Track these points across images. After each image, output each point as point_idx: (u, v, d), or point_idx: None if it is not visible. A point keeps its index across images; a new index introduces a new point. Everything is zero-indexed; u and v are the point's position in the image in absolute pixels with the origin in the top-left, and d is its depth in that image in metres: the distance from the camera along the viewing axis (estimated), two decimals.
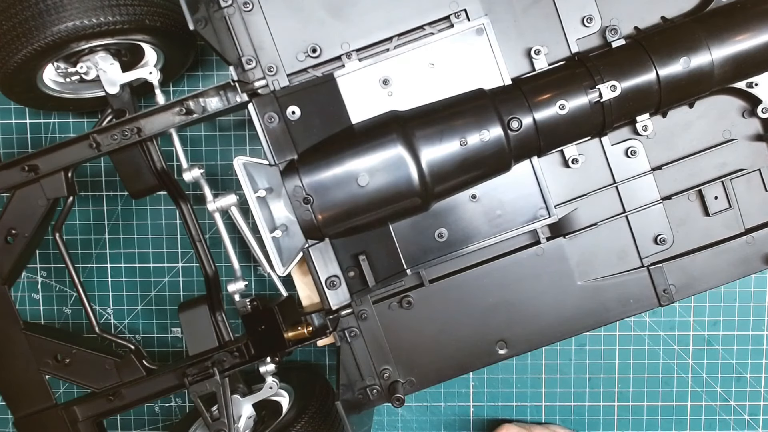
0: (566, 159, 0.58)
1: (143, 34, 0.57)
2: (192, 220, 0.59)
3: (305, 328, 0.58)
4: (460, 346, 0.59)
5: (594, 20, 0.56)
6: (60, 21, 0.52)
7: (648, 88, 0.54)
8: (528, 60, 0.57)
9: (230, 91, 0.54)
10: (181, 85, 0.72)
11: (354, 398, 0.58)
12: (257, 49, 0.55)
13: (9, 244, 0.57)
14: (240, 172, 0.54)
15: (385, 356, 0.58)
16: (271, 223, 0.55)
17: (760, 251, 0.59)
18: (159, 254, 0.73)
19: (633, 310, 0.59)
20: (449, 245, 0.58)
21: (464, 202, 0.57)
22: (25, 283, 0.74)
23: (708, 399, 0.74)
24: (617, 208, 0.59)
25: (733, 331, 0.73)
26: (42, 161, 0.56)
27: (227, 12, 0.54)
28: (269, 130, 0.55)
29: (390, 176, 0.53)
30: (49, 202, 0.57)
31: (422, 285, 0.58)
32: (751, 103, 0.58)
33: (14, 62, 0.54)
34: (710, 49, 0.53)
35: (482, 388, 0.75)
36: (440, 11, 0.55)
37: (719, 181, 0.59)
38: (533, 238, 0.59)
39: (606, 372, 0.74)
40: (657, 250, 0.59)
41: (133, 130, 0.55)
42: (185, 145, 0.71)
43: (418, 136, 0.53)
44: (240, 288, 0.58)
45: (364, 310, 0.58)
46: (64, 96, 0.64)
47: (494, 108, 0.53)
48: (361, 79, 0.55)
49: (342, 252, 0.56)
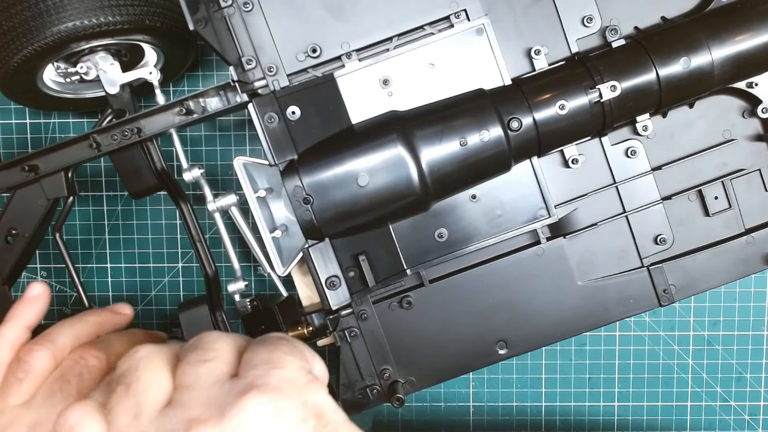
0: (566, 159, 0.58)
1: (143, 34, 0.57)
2: (192, 220, 0.59)
3: (305, 328, 0.58)
4: (460, 346, 0.59)
5: (594, 20, 0.56)
6: (60, 21, 0.52)
7: (648, 88, 0.54)
8: (528, 60, 0.57)
9: (230, 91, 0.54)
10: (181, 85, 0.72)
11: (354, 398, 0.58)
12: (257, 49, 0.55)
13: (9, 244, 0.57)
14: (240, 172, 0.54)
15: (385, 356, 0.58)
16: (271, 223, 0.55)
17: (760, 251, 0.59)
18: (159, 254, 0.73)
19: (633, 310, 0.59)
20: (449, 245, 0.58)
21: (464, 202, 0.57)
22: (25, 283, 0.74)
23: (708, 399, 0.74)
24: (617, 208, 0.59)
25: (733, 331, 0.73)
26: (42, 161, 0.56)
27: (227, 12, 0.54)
28: (269, 130, 0.55)
29: (390, 176, 0.53)
30: (49, 202, 0.57)
31: (422, 285, 0.58)
32: (751, 103, 0.58)
33: (14, 62, 0.54)
34: (710, 49, 0.53)
35: (482, 388, 0.75)
36: (440, 11, 0.55)
37: (719, 181, 0.59)
38: (533, 238, 0.59)
39: (606, 372, 0.74)
40: (657, 250, 0.59)
41: (133, 130, 0.55)
42: (185, 145, 0.71)
43: (418, 136, 0.53)
44: (240, 288, 0.58)
45: (364, 310, 0.58)
46: (64, 96, 0.64)
47: (494, 108, 0.53)
48: (361, 79, 0.55)
49: (342, 252, 0.56)
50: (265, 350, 0.37)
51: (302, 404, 0.34)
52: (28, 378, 0.45)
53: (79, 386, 0.44)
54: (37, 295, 0.51)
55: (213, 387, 0.34)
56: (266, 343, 0.38)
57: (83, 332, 0.49)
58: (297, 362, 0.37)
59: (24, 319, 0.49)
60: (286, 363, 0.36)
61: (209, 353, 0.37)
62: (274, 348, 0.37)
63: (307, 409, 0.34)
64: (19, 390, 0.44)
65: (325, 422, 0.35)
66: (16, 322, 0.49)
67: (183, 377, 0.35)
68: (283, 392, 0.34)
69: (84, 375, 0.45)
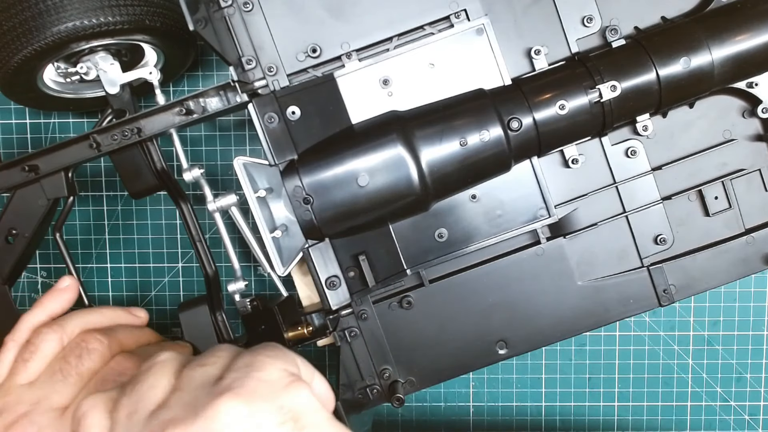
0: (566, 159, 0.58)
1: (143, 35, 0.57)
2: (192, 220, 0.59)
3: (305, 328, 0.58)
4: (460, 346, 0.59)
5: (594, 20, 0.56)
6: (60, 21, 0.52)
7: (648, 88, 0.54)
8: (528, 60, 0.57)
9: (230, 91, 0.54)
10: (181, 85, 0.72)
11: (354, 398, 0.58)
12: (257, 49, 0.55)
13: (9, 244, 0.57)
14: (240, 172, 0.54)
15: (385, 356, 0.58)
16: (271, 223, 0.55)
17: (760, 251, 0.59)
18: (159, 254, 0.73)
19: (633, 310, 0.59)
20: (449, 245, 0.58)
21: (464, 202, 0.57)
22: (25, 283, 0.74)
23: (708, 399, 0.74)
24: (617, 208, 0.59)
25: (733, 331, 0.73)
26: (42, 161, 0.56)
27: (227, 12, 0.54)
28: (269, 130, 0.55)
29: (390, 176, 0.53)
30: (49, 202, 0.57)
31: (422, 285, 0.58)
32: (752, 103, 0.58)
33: (14, 62, 0.54)
34: (710, 49, 0.53)
35: (482, 388, 0.75)
36: (440, 11, 0.55)
37: (719, 181, 0.59)
38: (533, 238, 0.59)
39: (606, 372, 0.74)
40: (657, 250, 0.59)
41: (133, 130, 0.55)
42: (185, 145, 0.71)
43: (418, 136, 0.53)
44: (240, 288, 0.58)
45: (364, 310, 0.58)
46: (64, 96, 0.64)
47: (494, 108, 0.53)
48: (361, 79, 0.55)
49: (342, 252, 0.56)
50: (249, 355, 0.37)
51: (278, 408, 0.34)
52: (34, 359, 0.47)
53: (78, 368, 0.46)
54: (65, 288, 0.53)
55: (197, 389, 0.35)
56: (253, 349, 0.38)
57: (94, 322, 0.51)
58: (278, 364, 0.37)
59: (48, 308, 0.51)
60: (266, 366, 0.36)
61: (209, 359, 0.37)
62: (258, 353, 0.37)
63: (284, 412, 0.34)
64: (25, 370, 0.46)
65: (302, 425, 0.34)
66: (41, 310, 0.51)
67: (179, 381, 0.36)
68: (258, 395, 0.34)
69: (83, 357, 0.47)
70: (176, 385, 0.36)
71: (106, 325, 0.51)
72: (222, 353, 0.38)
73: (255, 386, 0.34)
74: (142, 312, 0.56)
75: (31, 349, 0.47)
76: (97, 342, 0.48)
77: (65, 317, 0.50)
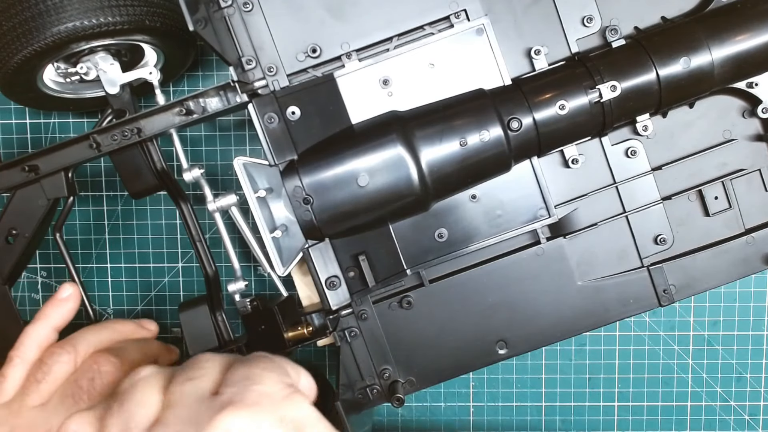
0: (566, 159, 0.58)
1: (143, 35, 0.57)
2: (192, 220, 0.59)
3: (305, 328, 0.58)
4: (460, 346, 0.59)
5: (594, 20, 0.56)
6: (60, 22, 0.52)
7: (648, 88, 0.54)
8: (528, 60, 0.57)
9: (230, 92, 0.54)
10: (181, 85, 0.72)
11: (354, 398, 0.58)
12: (257, 49, 0.55)
13: (9, 244, 0.57)
14: (240, 172, 0.54)
15: (385, 356, 0.58)
16: (271, 223, 0.55)
17: (760, 251, 0.59)
18: (159, 254, 0.73)
19: (633, 310, 0.59)
20: (449, 245, 0.58)
21: (464, 202, 0.57)
22: (25, 283, 0.74)
23: (708, 399, 0.74)
24: (617, 208, 0.59)
25: (733, 331, 0.73)
26: (42, 161, 0.56)
27: (227, 12, 0.54)
28: (269, 131, 0.55)
29: (390, 176, 0.53)
30: (49, 203, 0.57)
31: (422, 285, 0.58)
32: (752, 103, 0.58)
33: (14, 62, 0.54)
34: (710, 49, 0.53)
35: (482, 388, 0.75)
36: (440, 11, 0.55)
37: (719, 181, 0.59)
38: (533, 238, 0.59)
39: (606, 372, 0.74)
40: (657, 250, 0.59)
41: (133, 130, 0.55)
42: (185, 145, 0.71)
43: (418, 136, 0.53)
44: (240, 288, 0.58)
45: (364, 310, 0.58)
46: (64, 96, 0.64)
47: (494, 108, 0.53)
48: (361, 79, 0.55)
49: (342, 252, 0.56)
50: (245, 367, 0.37)
51: (280, 419, 0.34)
52: (46, 380, 0.46)
53: (89, 391, 0.46)
54: (67, 297, 0.52)
55: (194, 405, 0.35)
56: (246, 361, 0.38)
57: (107, 340, 0.50)
58: (276, 377, 0.37)
59: (52, 320, 0.51)
60: (264, 379, 0.36)
61: (196, 372, 0.37)
62: (253, 365, 0.37)
63: (285, 423, 0.34)
64: (37, 392, 0.46)
65: None
66: (45, 322, 0.50)
67: (170, 396, 0.36)
68: (260, 408, 0.34)
69: (96, 380, 0.46)
70: (168, 401, 0.36)
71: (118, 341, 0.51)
72: (206, 364, 0.38)
73: (256, 399, 0.34)
74: (152, 325, 0.56)
75: (44, 370, 0.46)
76: (110, 364, 0.47)
77: (77, 336, 0.50)
